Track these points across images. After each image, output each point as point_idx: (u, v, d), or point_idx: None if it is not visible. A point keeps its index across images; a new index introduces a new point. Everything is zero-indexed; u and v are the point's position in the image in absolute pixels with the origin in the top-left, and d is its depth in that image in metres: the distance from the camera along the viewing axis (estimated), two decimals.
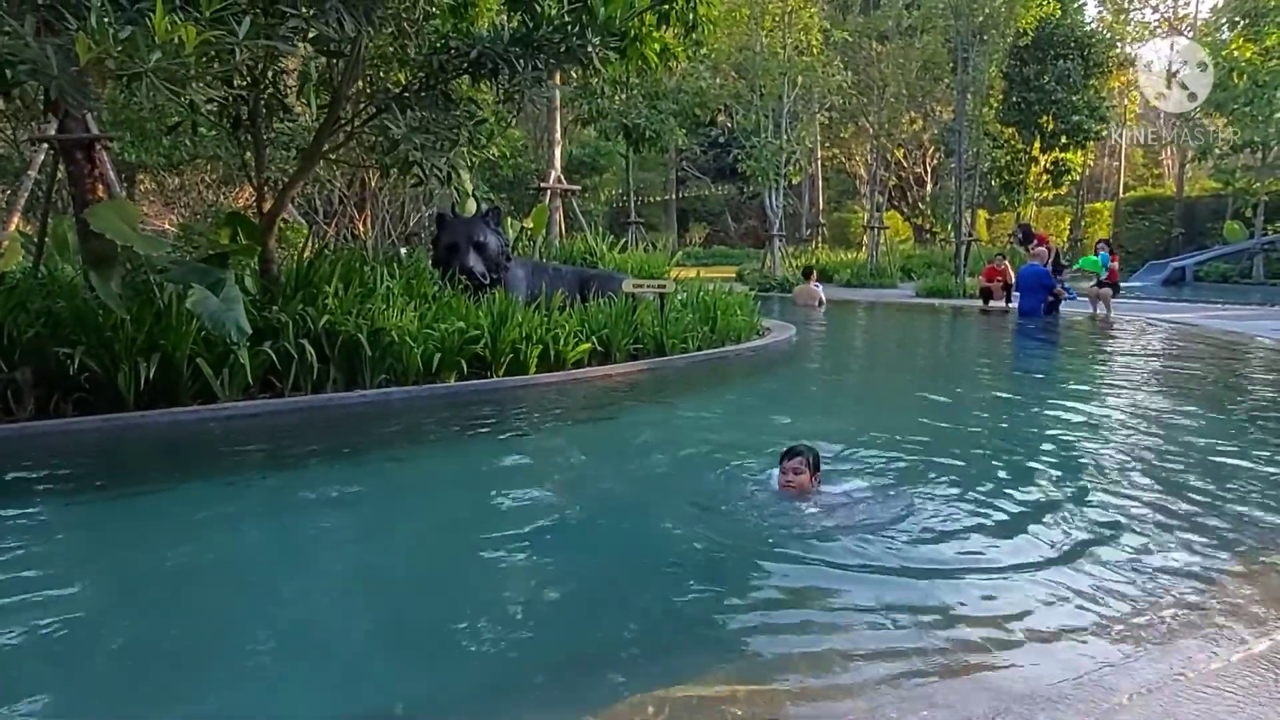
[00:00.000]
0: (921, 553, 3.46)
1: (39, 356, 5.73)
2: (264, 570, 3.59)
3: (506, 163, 15.77)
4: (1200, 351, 10.42)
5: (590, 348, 8.01)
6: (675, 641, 2.82)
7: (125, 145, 11.03)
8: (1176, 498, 4.21)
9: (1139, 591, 3.10)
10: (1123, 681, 2.41)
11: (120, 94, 8.81)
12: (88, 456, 5.25)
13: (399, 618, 3.11)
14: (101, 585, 3.47)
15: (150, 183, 14.22)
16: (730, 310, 9.90)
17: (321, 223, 11.91)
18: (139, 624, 3.07)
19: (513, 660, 2.72)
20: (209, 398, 6.02)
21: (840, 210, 36.43)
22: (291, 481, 4.92)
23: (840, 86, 22.46)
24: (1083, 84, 23.55)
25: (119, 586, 3.45)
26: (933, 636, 2.74)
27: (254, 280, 6.95)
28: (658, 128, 18.37)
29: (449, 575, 3.51)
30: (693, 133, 26.83)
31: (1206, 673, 2.46)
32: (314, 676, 2.67)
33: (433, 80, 6.84)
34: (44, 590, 3.25)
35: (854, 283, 22.43)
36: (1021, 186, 25.13)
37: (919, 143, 32.02)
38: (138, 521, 4.17)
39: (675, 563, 3.47)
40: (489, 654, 2.77)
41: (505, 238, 9.27)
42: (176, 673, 2.69)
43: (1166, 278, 24.48)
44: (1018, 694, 2.35)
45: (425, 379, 6.91)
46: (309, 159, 7.03)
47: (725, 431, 5.88)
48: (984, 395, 7.77)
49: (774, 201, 21.78)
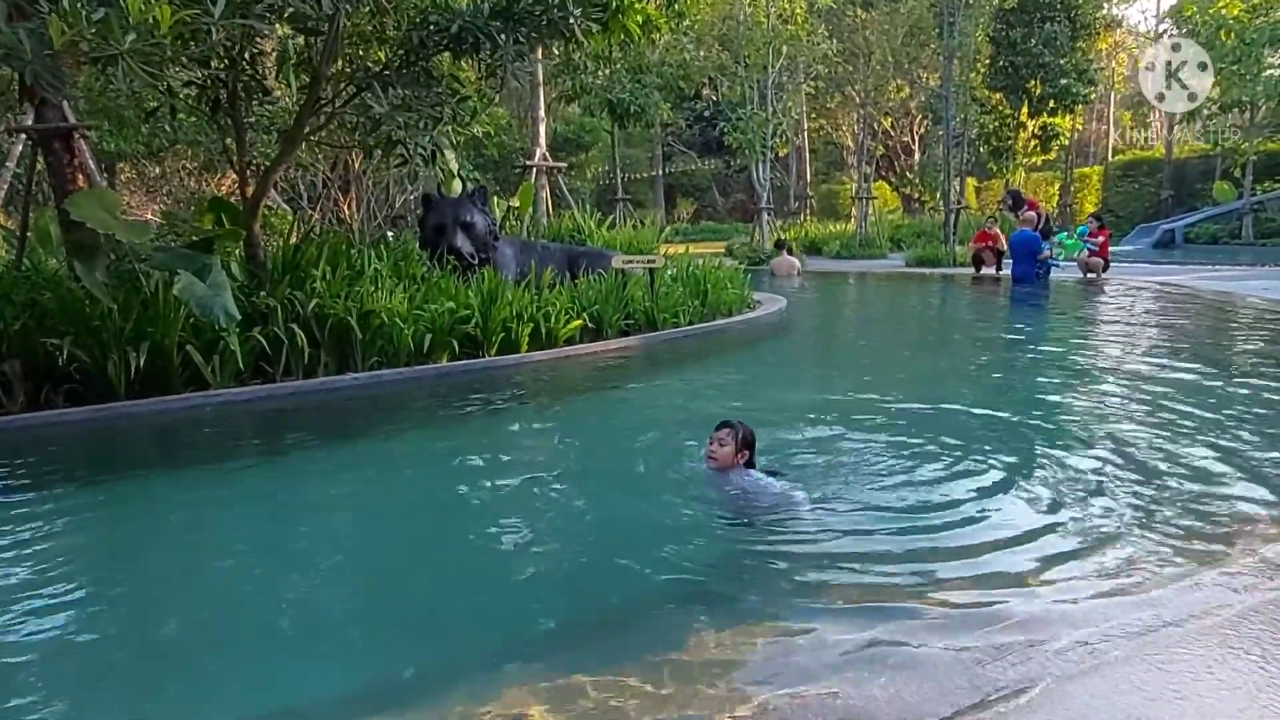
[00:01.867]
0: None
1: (27, 349, 5.68)
2: (262, 552, 3.59)
3: (491, 141, 15.61)
4: (1191, 312, 10.47)
5: (581, 324, 8.00)
6: (663, 606, 2.85)
7: (104, 134, 10.89)
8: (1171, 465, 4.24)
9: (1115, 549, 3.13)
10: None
11: (97, 81, 8.69)
12: (81, 447, 5.23)
13: (392, 594, 3.12)
14: (97, 572, 3.47)
15: (131, 171, 14.05)
16: (720, 284, 9.89)
17: (306, 207, 11.79)
18: (135, 610, 3.07)
19: (505, 630, 2.75)
20: (201, 385, 5.99)
21: (828, 182, 36.27)
22: (287, 465, 4.92)
23: (825, 55, 22.30)
24: (1070, 47, 23.39)
25: (115, 573, 3.45)
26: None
27: (240, 266, 6.89)
28: (642, 102, 18.18)
29: (441, 553, 3.52)
30: (678, 107, 26.65)
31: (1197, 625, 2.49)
32: (310, 653, 2.68)
33: (413, 57, 6.76)
34: (40, 580, 3.24)
35: (843, 254, 22.40)
36: (1010, 153, 25.03)
37: (906, 111, 31.85)
38: (133, 509, 4.16)
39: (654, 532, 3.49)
40: (480, 625, 2.80)
41: (492, 217, 9.22)
42: (174, 656, 2.69)
43: (1156, 240, 24.51)
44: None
45: (417, 360, 6.89)
46: (291, 141, 6.95)
47: (713, 404, 5.88)
48: (975, 363, 7.80)
49: (761, 174, 21.69)
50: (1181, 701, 2.08)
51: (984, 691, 2.15)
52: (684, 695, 2.22)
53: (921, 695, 2.15)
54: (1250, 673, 2.19)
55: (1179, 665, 2.25)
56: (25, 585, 3.17)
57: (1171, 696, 2.10)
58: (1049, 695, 2.12)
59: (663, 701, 2.20)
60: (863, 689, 2.20)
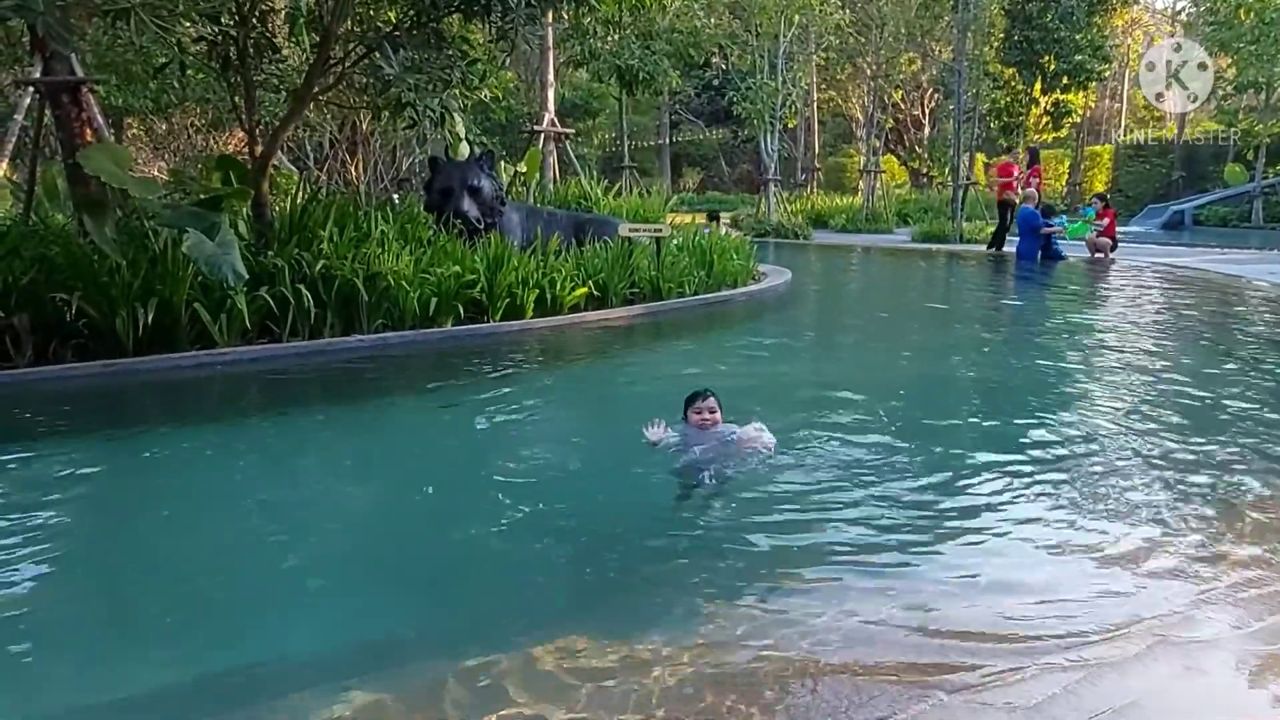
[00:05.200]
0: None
1: (35, 303, 5.71)
2: (259, 508, 3.65)
3: (499, 106, 15.48)
4: (1197, 295, 10.45)
5: (587, 292, 8.01)
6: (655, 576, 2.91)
7: (111, 89, 10.81)
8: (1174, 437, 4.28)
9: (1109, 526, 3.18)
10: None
11: (105, 35, 8.62)
12: (88, 401, 5.28)
13: (382, 552, 3.18)
14: (95, 524, 3.55)
15: (139, 128, 13.96)
16: (726, 255, 9.87)
17: (313, 168, 11.74)
18: (139, 562, 3.13)
19: (479, 594, 2.82)
20: (207, 343, 6.03)
21: (836, 155, 35.97)
22: (290, 424, 4.98)
23: (838, 26, 22.00)
24: (1086, 22, 23.08)
25: (121, 526, 3.51)
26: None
27: (247, 225, 6.90)
28: (651, 69, 17.95)
29: (432, 513, 3.55)
30: (686, 75, 26.31)
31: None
32: (290, 607, 2.75)
33: (424, 18, 6.70)
34: (46, 533, 3.32)
35: (849, 228, 22.31)
36: (1021, 129, 24.80)
37: (917, 84, 31.51)
38: (136, 463, 4.21)
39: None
40: (457, 586, 2.89)
41: (499, 182, 9.18)
42: (180, 608, 2.75)
43: (1166, 221, 24.36)
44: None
45: (422, 323, 6.92)
46: (300, 100, 6.92)
47: (713, 375, 5.92)
48: (976, 338, 7.81)
49: (769, 145, 21.51)
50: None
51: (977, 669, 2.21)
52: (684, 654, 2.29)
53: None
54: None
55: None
56: (28, 536, 3.23)
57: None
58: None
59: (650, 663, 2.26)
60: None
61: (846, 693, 2.08)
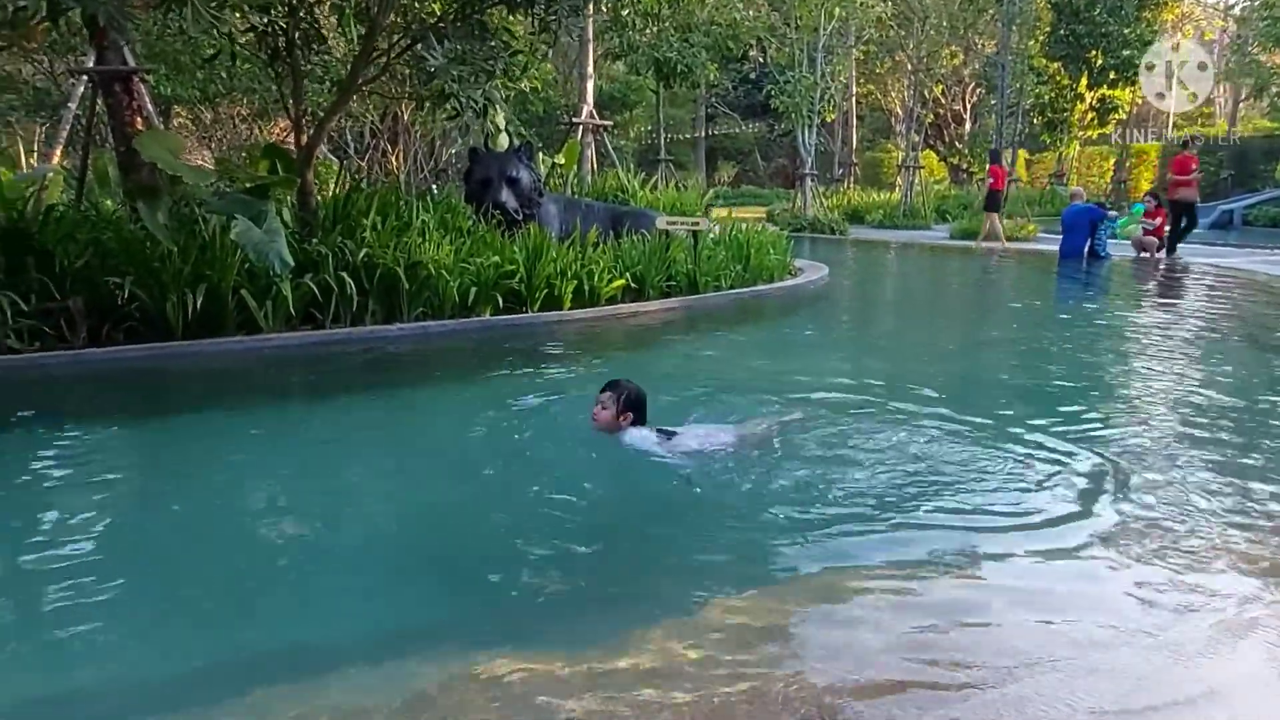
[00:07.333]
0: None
1: (89, 286, 5.86)
2: (298, 492, 3.74)
3: (537, 97, 15.53)
4: (1248, 297, 10.19)
5: (624, 284, 8.02)
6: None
7: (160, 79, 11.03)
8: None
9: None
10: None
11: (154, 25, 8.79)
12: (139, 382, 5.42)
13: (410, 539, 3.22)
14: (148, 502, 3.63)
15: (185, 116, 14.24)
16: (764, 249, 9.83)
17: (354, 157, 11.90)
18: (181, 540, 3.20)
19: (485, 592, 2.83)
20: (252, 329, 6.14)
21: (873, 149, 35.58)
22: (332, 410, 5.06)
23: (879, 18, 21.73)
24: (1135, 16, 22.55)
25: (165, 504, 3.59)
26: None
27: (292, 213, 7.01)
28: (689, 62, 17.91)
29: (464, 500, 3.57)
30: (724, 68, 26.18)
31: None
32: (315, 592, 2.79)
33: (468, 10, 6.75)
34: (96, 506, 3.42)
35: (886, 224, 22.05)
36: (1065, 125, 24.30)
37: (959, 78, 31.00)
38: (185, 443, 4.32)
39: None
40: (481, 580, 2.89)
41: (537, 173, 9.23)
42: (219, 586, 2.81)
43: (1214, 221, 23.70)
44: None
45: (461, 313, 6.99)
46: (346, 91, 7.01)
47: (747, 368, 5.90)
48: (1012, 338, 7.68)
49: (806, 140, 21.33)
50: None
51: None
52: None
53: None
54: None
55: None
56: (77, 510, 3.34)
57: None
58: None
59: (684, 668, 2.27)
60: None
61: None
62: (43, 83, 12.93)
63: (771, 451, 3.84)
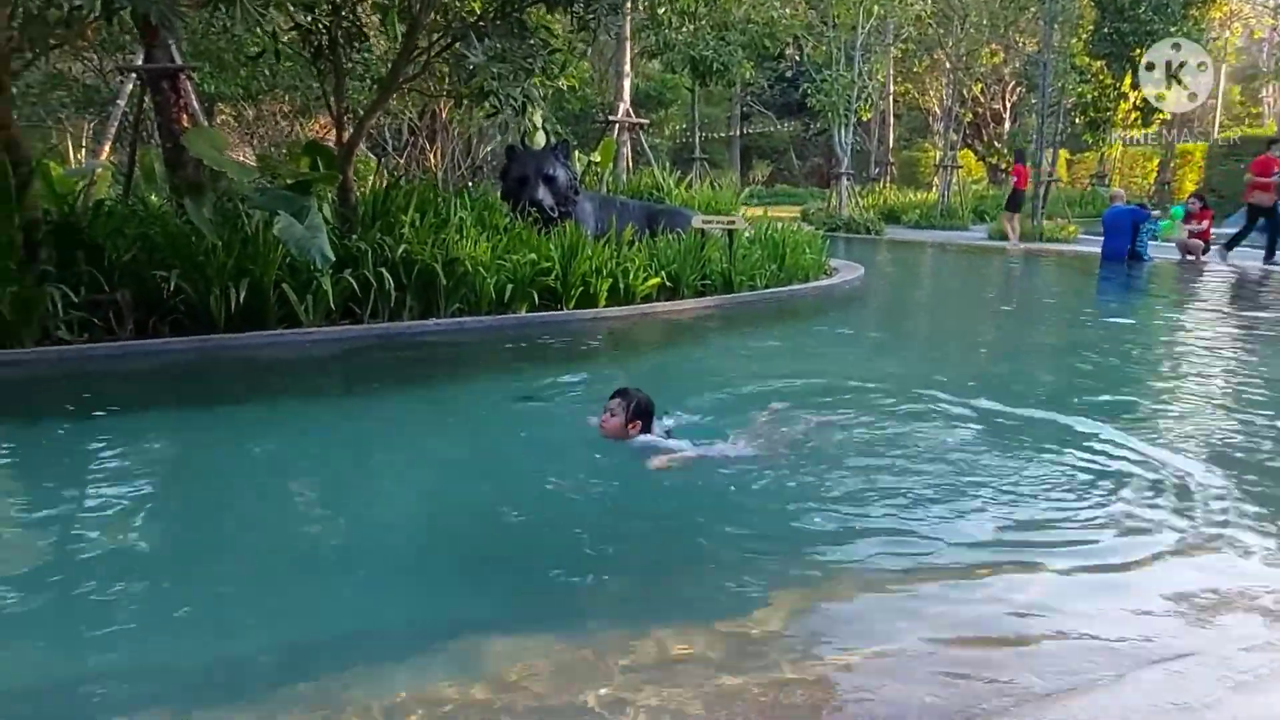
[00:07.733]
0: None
1: (136, 280, 5.99)
2: (331, 484, 3.80)
3: (574, 95, 15.59)
4: None
5: (659, 283, 8.01)
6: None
7: (204, 76, 11.24)
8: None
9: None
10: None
11: (200, 24, 8.96)
12: (184, 374, 5.54)
13: (443, 533, 3.25)
14: (191, 494, 3.71)
15: (228, 113, 14.50)
16: (799, 248, 9.76)
17: (392, 154, 12.03)
18: (221, 530, 3.26)
19: (511, 581, 2.85)
20: (292, 322, 6.23)
21: (910, 148, 35.15)
22: (368, 404, 5.14)
23: (918, 16, 21.47)
24: (1181, 14, 22.02)
25: (207, 493, 3.67)
26: None
27: (332, 209, 7.10)
28: (725, 60, 17.86)
29: (491, 498, 3.57)
30: (760, 66, 26.04)
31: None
32: (335, 583, 2.81)
33: (508, 8, 6.79)
34: (141, 494, 3.50)
35: (922, 224, 21.78)
36: (1108, 125, 23.81)
37: (998, 77, 30.53)
38: (227, 434, 4.40)
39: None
40: (511, 574, 2.91)
41: (574, 171, 9.25)
42: (257, 573, 2.87)
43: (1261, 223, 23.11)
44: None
45: (497, 309, 7.03)
46: (387, 88, 7.09)
47: (782, 368, 5.84)
48: (1050, 343, 7.53)
49: (843, 139, 21.14)
50: None
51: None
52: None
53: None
54: None
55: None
56: (126, 495, 3.42)
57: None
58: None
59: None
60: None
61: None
62: (92, 80, 13.25)
63: (803, 453, 3.81)
